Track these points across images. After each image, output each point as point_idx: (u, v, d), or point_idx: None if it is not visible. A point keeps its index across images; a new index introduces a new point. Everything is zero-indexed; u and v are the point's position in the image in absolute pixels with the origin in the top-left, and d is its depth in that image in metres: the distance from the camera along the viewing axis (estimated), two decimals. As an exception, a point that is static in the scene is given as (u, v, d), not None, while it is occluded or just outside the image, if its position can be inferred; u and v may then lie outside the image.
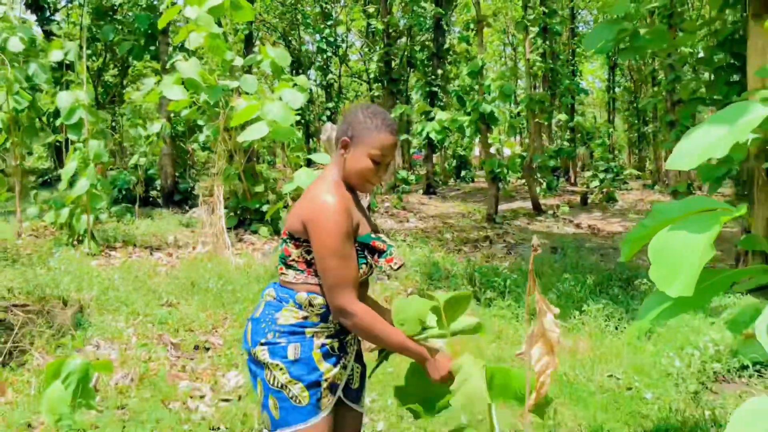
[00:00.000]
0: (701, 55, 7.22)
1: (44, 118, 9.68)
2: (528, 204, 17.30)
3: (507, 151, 33.29)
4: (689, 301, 1.68)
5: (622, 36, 6.29)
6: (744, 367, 3.95)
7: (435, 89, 21.92)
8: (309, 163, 9.93)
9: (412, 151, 28.16)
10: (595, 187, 20.15)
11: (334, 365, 1.92)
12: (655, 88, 20.71)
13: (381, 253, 1.94)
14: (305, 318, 1.90)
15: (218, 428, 3.03)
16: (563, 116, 26.82)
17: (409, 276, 6.84)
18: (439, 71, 22.03)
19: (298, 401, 1.85)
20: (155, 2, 14.08)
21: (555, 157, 25.85)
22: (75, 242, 7.92)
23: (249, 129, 7.12)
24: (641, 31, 6.42)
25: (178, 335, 4.56)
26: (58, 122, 8.81)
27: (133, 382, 3.41)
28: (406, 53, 24.85)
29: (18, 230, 8.47)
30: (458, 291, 2.10)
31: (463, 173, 32.69)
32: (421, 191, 22.53)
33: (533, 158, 16.12)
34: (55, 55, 8.35)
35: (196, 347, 4.37)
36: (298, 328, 1.89)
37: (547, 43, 21.84)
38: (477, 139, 18.20)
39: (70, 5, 21.68)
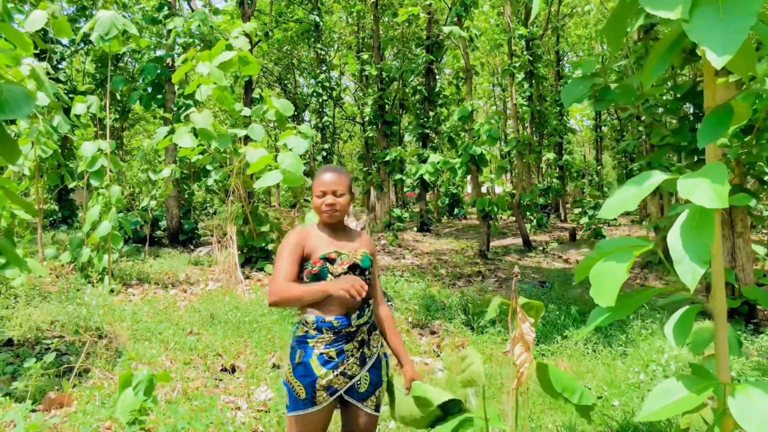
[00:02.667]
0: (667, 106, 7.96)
1: (63, 167, 10.30)
2: (519, 240, 17.97)
3: (498, 189, 34.09)
4: (616, 310, 2.31)
5: (594, 90, 7.05)
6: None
7: (427, 131, 22.81)
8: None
9: (405, 189, 28.91)
10: (585, 223, 20.80)
11: (331, 369, 2.38)
12: (640, 128, 21.70)
13: (333, 261, 2.41)
14: (306, 332, 2.42)
15: (257, 430, 3.62)
16: (551, 155, 27.69)
17: (408, 308, 7.45)
18: (431, 114, 22.97)
19: (297, 395, 2.37)
20: (159, 54, 14.89)
21: (544, 195, 26.71)
22: (97, 280, 8.49)
23: (264, 177, 7.79)
24: (612, 86, 7.19)
25: (207, 360, 5.14)
26: (79, 169, 9.46)
27: (179, 395, 3.99)
28: (398, 96, 25.85)
29: (48, 269, 9.04)
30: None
31: (456, 211, 33.46)
32: (415, 228, 23.19)
33: (521, 197, 16.85)
34: (79, 108, 9.04)
35: (224, 369, 4.95)
36: (303, 340, 2.42)
37: (533, 87, 22.87)
38: (469, 178, 18.96)
39: (76, 54, 22.61)
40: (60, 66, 21.19)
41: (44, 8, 8.02)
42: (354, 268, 2.46)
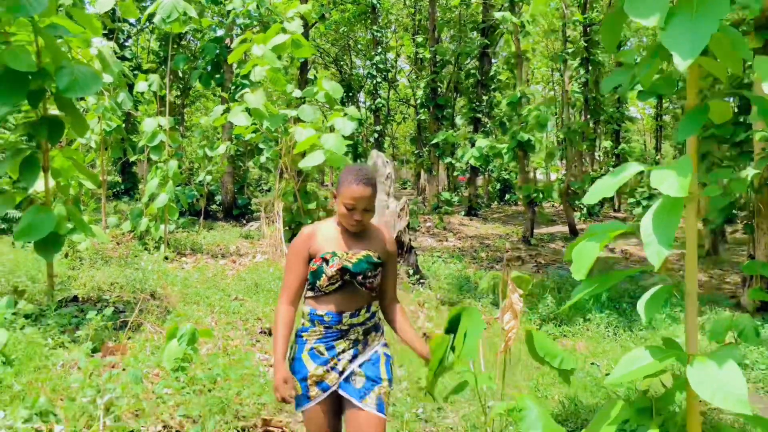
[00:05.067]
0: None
1: (126, 141, 10.98)
2: (566, 228, 17.95)
3: (553, 176, 33.66)
4: (596, 286, 2.55)
5: (635, 81, 7.12)
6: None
7: (479, 115, 22.83)
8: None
9: (455, 173, 29.00)
10: (636, 214, 20.51)
11: (321, 365, 2.39)
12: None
13: (328, 261, 2.38)
14: (303, 324, 2.47)
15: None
16: (608, 143, 27.17)
17: (441, 286, 7.76)
18: (484, 98, 22.95)
19: (297, 390, 2.39)
20: (219, 35, 15.46)
21: (598, 183, 26.29)
22: (153, 248, 9.11)
23: (308, 156, 8.20)
24: (655, 76, 7.23)
25: (248, 323, 5.59)
26: (140, 144, 10.09)
27: (220, 350, 4.43)
28: (452, 80, 25.89)
29: (110, 236, 9.74)
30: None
31: (507, 196, 33.30)
32: (463, 213, 23.36)
33: (570, 184, 16.81)
34: (141, 86, 9.63)
35: (263, 331, 5.39)
36: (299, 334, 2.47)
37: (590, 73, 22.51)
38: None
39: (141, 33, 23.56)
40: (126, 44, 22.17)
41: (113, -9, 8.58)
42: (343, 272, 2.40)
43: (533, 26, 13.63)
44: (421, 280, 7.82)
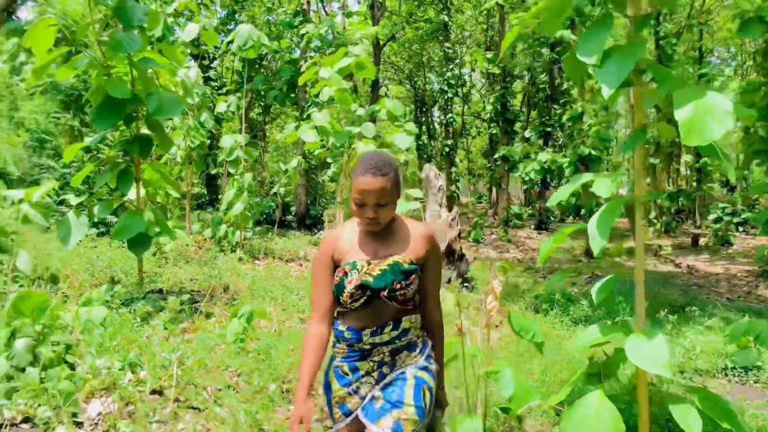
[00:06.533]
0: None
1: (210, 156, 12.15)
2: (632, 243, 17.86)
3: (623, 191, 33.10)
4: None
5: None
6: (726, 368, 5.07)
7: (548, 129, 23.04)
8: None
9: (524, 187, 29.14)
10: (714, 230, 20.06)
11: (344, 386, 2.14)
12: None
13: (347, 275, 2.07)
14: (336, 339, 2.20)
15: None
16: (689, 157, 26.61)
17: (485, 290, 8.27)
18: (556, 111, 23.14)
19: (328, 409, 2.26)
20: (296, 54, 16.56)
21: (674, 199, 25.78)
22: (229, 251, 10.11)
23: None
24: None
25: (304, 314, 6.36)
26: (220, 158, 11.20)
27: (277, 332, 5.20)
28: (525, 94, 26.21)
29: (193, 241, 10.88)
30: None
31: (582, 211, 32.97)
32: (533, 226, 23.54)
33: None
34: (221, 107, 10.73)
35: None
36: (334, 345, 2.21)
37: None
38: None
39: (225, 54, 25.30)
40: (212, 65, 23.88)
41: (197, 22, 9.72)
42: (363, 289, 2.07)
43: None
44: (465, 284, 8.36)
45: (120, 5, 5.67)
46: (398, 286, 2.04)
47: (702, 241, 19.93)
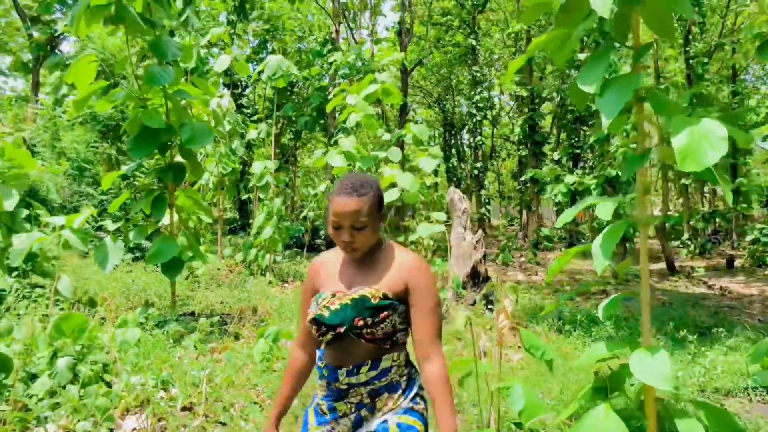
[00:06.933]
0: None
1: (242, 182, 12.50)
2: (665, 264, 17.65)
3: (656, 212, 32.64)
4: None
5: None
6: (747, 388, 5.06)
7: (578, 151, 23.03)
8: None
9: (553, 209, 29.04)
10: (748, 251, 19.74)
11: (321, 425, 1.96)
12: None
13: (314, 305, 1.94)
14: (318, 376, 2.01)
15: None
16: (722, 176, 26.10)
17: (513, 313, 8.34)
18: (584, 133, 23.16)
19: None
20: (325, 81, 16.97)
21: (709, 220, 25.38)
22: (259, 275, 10.37)
23: (386, 193, 9.19)
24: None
25: (329, 336, 6.53)
26: (250, 184, 11.53)
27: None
28: (555, 116, 26.27)
29: (225, 265, 11.18)
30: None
31: (613, 232, 32.53)
32: (563, 248, 23.40)
33: (666, 219, 16.66)
34: (252, 134, 11.08)
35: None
36: (317, 385, 2.03)
37: (692, 106, 22.09)
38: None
39: (257, 83, 26.00)
40: (244, 93, 24.54)
41: (229, 53, 10.10)
42: (318, 324, 1.89)
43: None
44: (490, 307, 8.44)
45: (155, 41, 6.01)
46: (361, 323, 1.84)
47: (738, 262, 19.56)
